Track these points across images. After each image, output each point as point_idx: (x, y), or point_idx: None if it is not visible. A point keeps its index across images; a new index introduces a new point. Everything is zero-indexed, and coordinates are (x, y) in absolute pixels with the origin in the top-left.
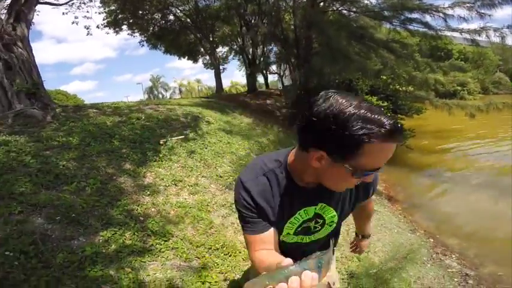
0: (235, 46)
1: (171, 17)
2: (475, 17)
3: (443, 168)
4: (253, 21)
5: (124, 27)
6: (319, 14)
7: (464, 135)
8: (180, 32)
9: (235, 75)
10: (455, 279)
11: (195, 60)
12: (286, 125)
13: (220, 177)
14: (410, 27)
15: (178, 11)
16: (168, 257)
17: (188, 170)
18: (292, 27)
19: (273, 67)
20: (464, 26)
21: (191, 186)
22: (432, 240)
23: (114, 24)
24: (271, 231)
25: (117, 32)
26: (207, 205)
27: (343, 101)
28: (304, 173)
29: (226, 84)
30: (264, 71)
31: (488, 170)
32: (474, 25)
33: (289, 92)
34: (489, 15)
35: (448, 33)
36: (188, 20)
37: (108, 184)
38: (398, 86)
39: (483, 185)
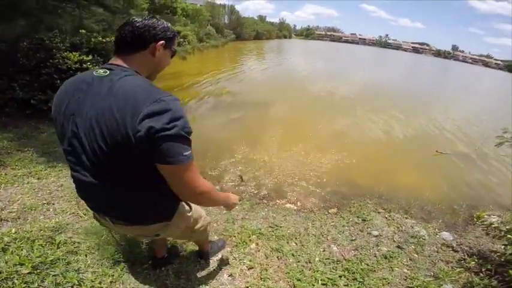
0: None
1: None
2: None
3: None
4: None
5: None
6: None
7: (186, 74)
8: None
9: None
10: None
11: None
12: None
13: None
14: None
15: None
16: None
17: None
18: None
19: None
20: None
21: None
22: None
23: None
24: None
25: None
26: None
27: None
28: (150, 74)
29: None
30: None
31: (214, 94)
32: None
33: None
34: None
35: None
36: None
37: None
38: (101, 38)
39: (216, 105)
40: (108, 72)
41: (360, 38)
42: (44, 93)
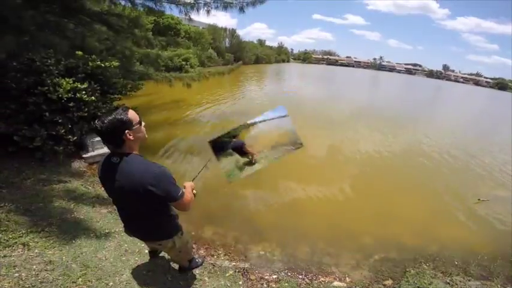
0: None
1: None
2: None
3: (176, 139)
4: None
5: None
6: None
7: (187, 103)
8: None
9: None
10: None
11: None
12: None
13: None
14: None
15: None
16: None
17: None
18: None
19: None
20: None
21: None
22: None
23: None
24: None
25: None
26: None
27: (117, 114)
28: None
29: None
30: None
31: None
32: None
33: None
34: None
35: (167, 5)
36: None
37: None
38: (100, 62)
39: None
40: (118, 159)
41: (355, 61)
42: (30, 127)
